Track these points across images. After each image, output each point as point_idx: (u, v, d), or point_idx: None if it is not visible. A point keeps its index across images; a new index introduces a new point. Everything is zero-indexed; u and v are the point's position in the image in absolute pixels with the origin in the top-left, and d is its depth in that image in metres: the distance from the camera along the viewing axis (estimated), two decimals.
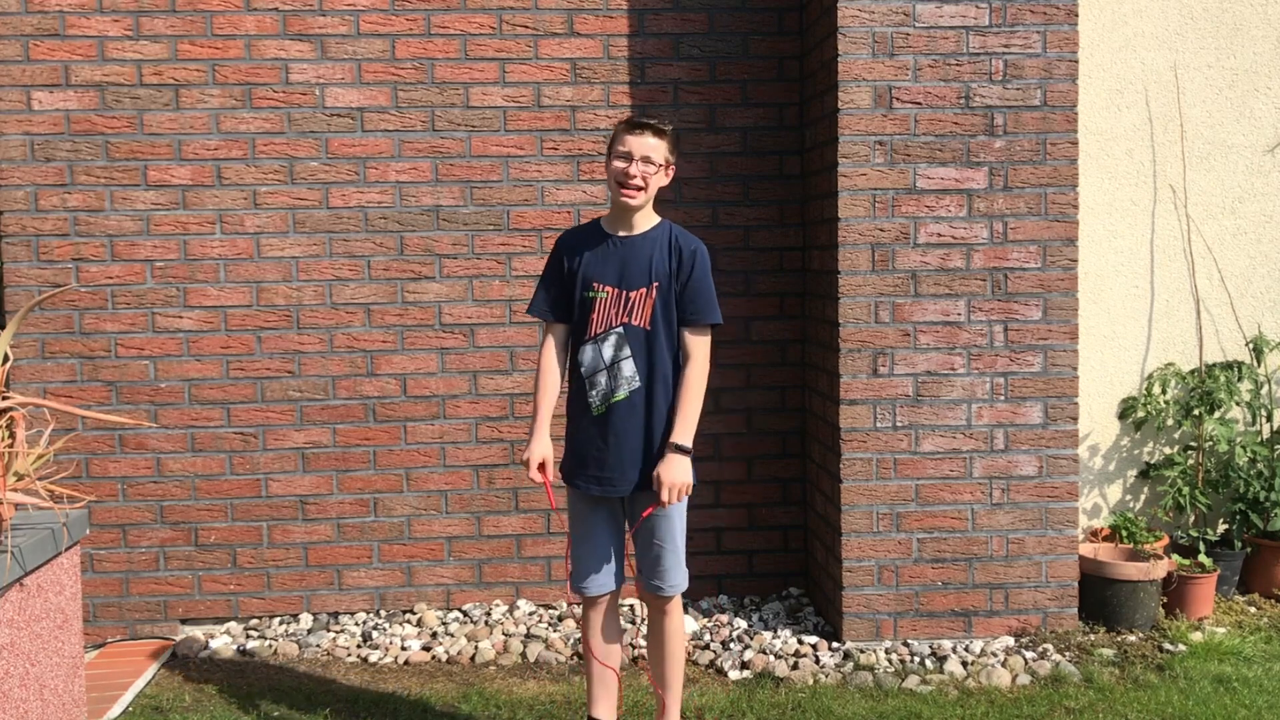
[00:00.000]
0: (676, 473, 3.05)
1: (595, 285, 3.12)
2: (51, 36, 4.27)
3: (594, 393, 3.12)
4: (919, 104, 4.07)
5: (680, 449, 3.07)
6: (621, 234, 3.15)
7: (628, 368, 3.11)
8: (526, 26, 4.43)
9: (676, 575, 3.20)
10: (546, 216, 4.48)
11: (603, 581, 3.20)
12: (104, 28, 4.29)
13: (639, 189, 3.08)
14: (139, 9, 4.30)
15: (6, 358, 2.96)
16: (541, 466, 3.14)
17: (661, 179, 3.14)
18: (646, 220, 3.16)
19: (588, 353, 3.13)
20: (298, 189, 4.40)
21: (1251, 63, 4.78)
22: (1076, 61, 4.11)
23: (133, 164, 4.33)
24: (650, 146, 3.08)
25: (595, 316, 3.12)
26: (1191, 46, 4.76)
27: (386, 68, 4.40)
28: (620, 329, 3.10)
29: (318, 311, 4.43)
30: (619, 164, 3.09)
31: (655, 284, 3.10)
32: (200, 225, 4.38)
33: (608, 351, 3.11)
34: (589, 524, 3.20)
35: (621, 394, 3.10)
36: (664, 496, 3.04)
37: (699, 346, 3.13)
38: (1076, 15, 4.10)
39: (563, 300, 3.18)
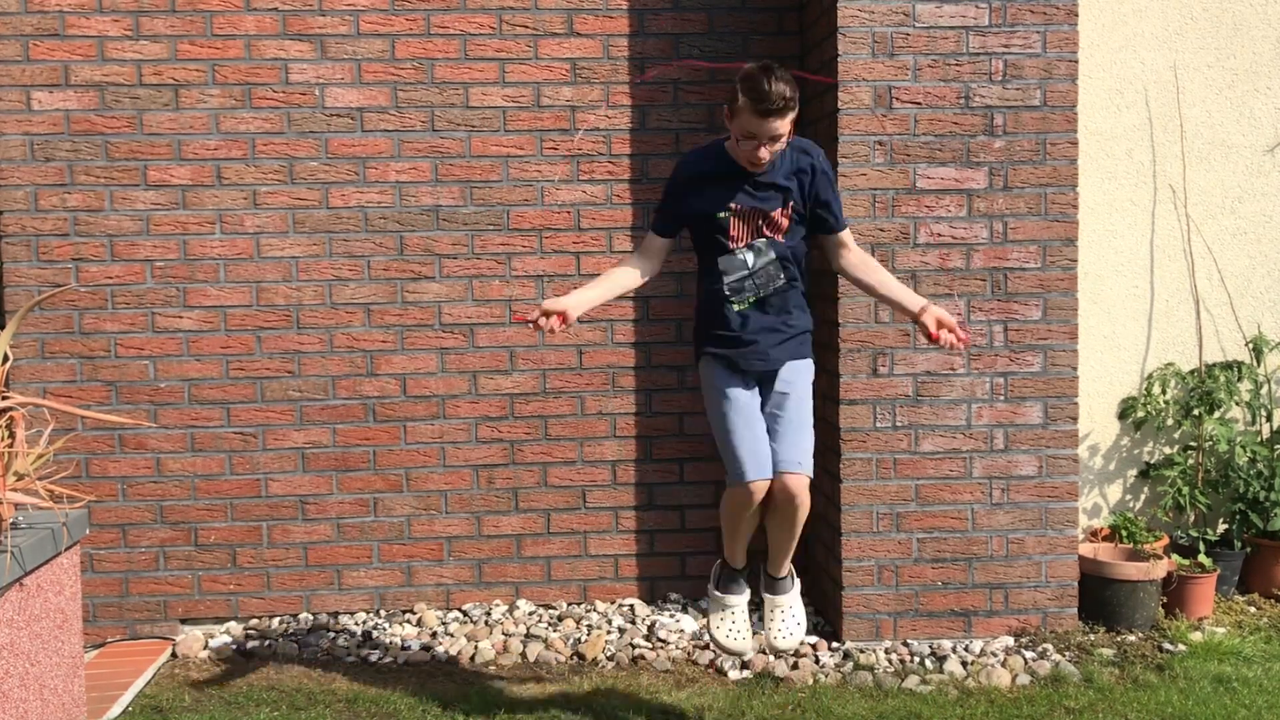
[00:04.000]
0: (947, 314, 3.14)
1: (733, 205, 3.14)
2: (51, 36, 4.27)
3: (738, 297, 3.19)
4: (919, 104, 4.07)
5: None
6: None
7: (774, 269, 3.18)
8: (526, 26, 4.43)
9: (811, 451, 3.22)
10: (546, 216, 4.48)
11: (765, 465, 3.17)
12: (104, 28, 4.29)
13: (768, 163, 3.09)
14: (139, 9, 4.30)
15: (6, 358, 2.96)
16: (562, 317, 3.06)
17: (790, 134, 3.11)
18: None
19: (730, 262, 3.18)
20: (297, 189, 4.40)
21: (1251, 63, 4.78)
22: (1076, 61, 4.11)
23: (133, 164, 4.33)
24: (780, 125, 3.01)
25: (734, 231, 3.16)
26: (1191, 46, 4.76)
27: (386, 68, 4.40)
28: (758, 243, 3.16)
29: (318, 311, 4.43)
30: (748, 147, 3.05)
31: (790, 203, 3.16)
32: (200, 225, 4.38)
33: (750, 259, 3.17)
34: (748, 408, 3.19)
35: (767, 291, 3.19)
36: (955, 329, 3.10)
37: (857, 247, 3.29)
38: (1076, 15, 4.10)
39: (679, 220, 3.23)
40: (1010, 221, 4.13)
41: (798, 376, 3.27)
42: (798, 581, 3.53)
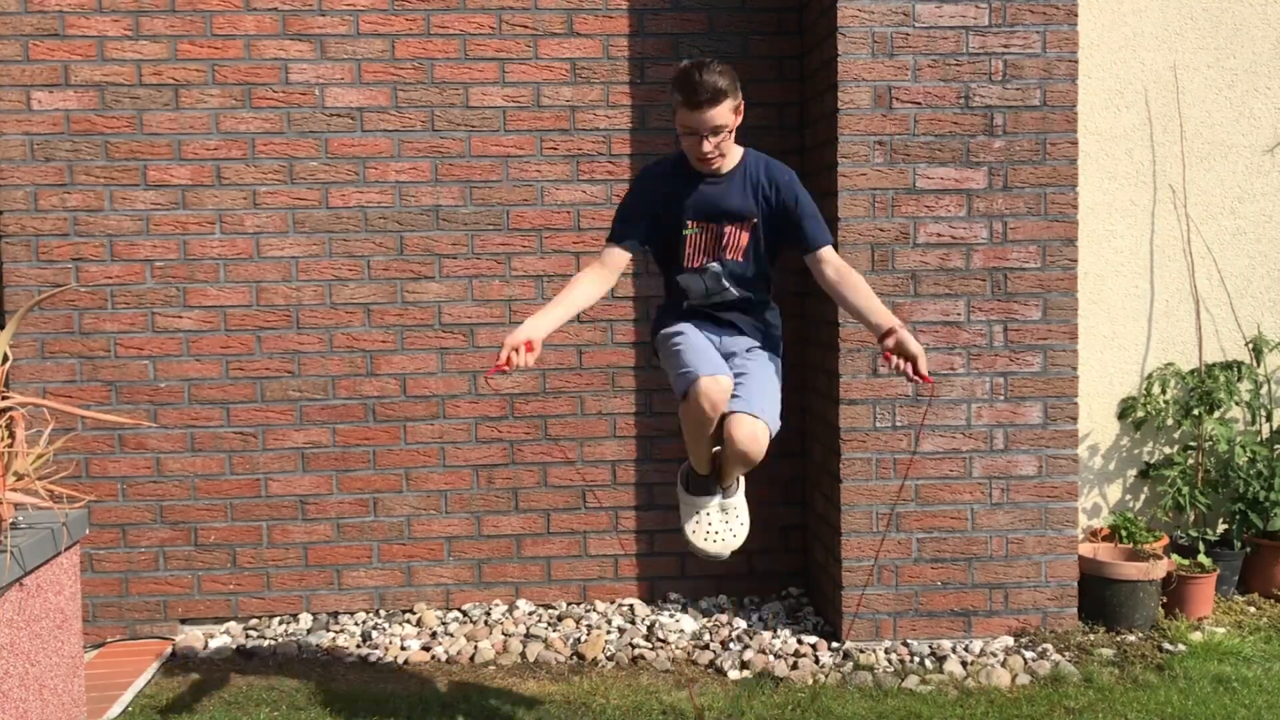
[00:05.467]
0: (916, 344, 3.00)
1: (689, 223, 3.13)
2: (51, 36, 4.27)
3: (699, 299, 3.19)
4: (919, 104, 4.07)
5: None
6: (708, 173, 3.12)
7: (732, 294, 3.18)
8: (526, 26, 4.43)
9: (773, 411, 3.11)
10: (546, 216, 4.48)
11: (725, 368, 3.07)
12: (103, 28, 4.29)
13: (719, 157, 3.06)
14: (139, 9, 4.30)
15: (6, 357, 2.96)
16: (528, 345, 2.94)
17: (735, 125, 3.06)
18: (731, 157, 3.13)
19: (690, 280, 3.18)
20: (297, 189, 4.40)
21: (1251, 63, 4.78)
22: (1076, 61, 4.11)
23: (132, 164, 4.33)
24: (715, 116, 2.97)
25: (689, 251, 3.14)
26: (1191, 46, 4.76)
27: (386, 68, 4.40)
28: (716, 264, 3.15)
29: (317, 311, 4.43)
30: (689, 142, 3.03)
31: (749, 220, 3.13)
32: (200, 225, 4.38)
33: (709, 282, 3.17)
34: (704, 342, 3.14)
35: (728, 298, 3.18)
36: (921, 367, 2.97)
37: (837, 261, 3.16)
38: (1076, 15, 4.10)
39: (638, 231, 3.17)
40: (1010, 221, 4.13)
41: (758, 358, 3.22)
42: (742, 482, 3.39)
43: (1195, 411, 4.67)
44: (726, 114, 3.00)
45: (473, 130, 4.45)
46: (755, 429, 3.06)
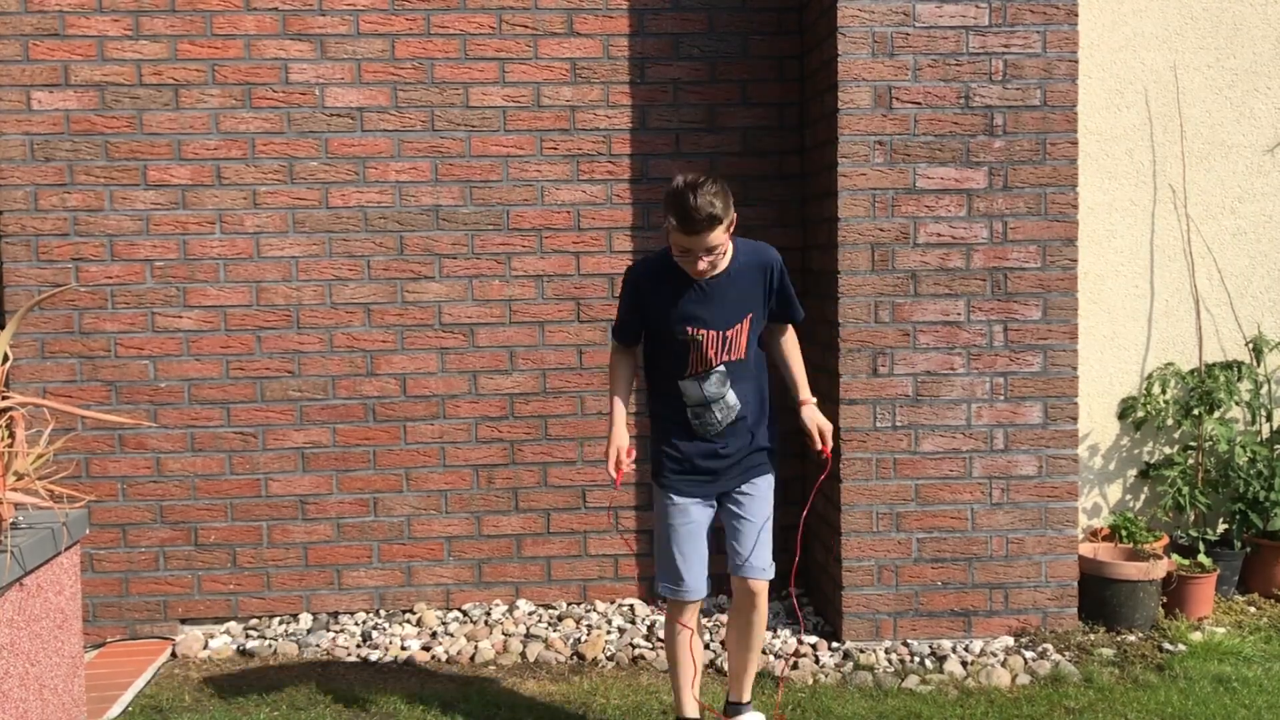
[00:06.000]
0: (823, 418, 3.30)
1: (689, 330, 3.12)
2: (51, 36, 4.27)
3: (700, 422, 3.19)
4: (919, 104, 4.07)
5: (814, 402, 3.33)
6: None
7: (732, 398, 3.19)
8: (526, 26, 4.43)
9: (768, 554, 3.27)
10: (546, 216, 4.48)
11: (703, 585, 3.25)
12: (104, 27, 4.29)
13: (712, 271, 3.10)
14: (139, 9, 4.29)
15: (6, 357, 2.96)
16: (629, 451, 3.19)
17: (728, 242, 3.09)
18: (725, 257, 3.13)
19: (690, 387, 3.18)
20: (297, 189, 4.40)
21: (1251, 63, 4.78)
22: (1076, 61, 4.11)
23: (132, 164, 4.33)
24: (710, 239, 2.99)
25: (694, 356, 3.15)
26: (1191, 46, 4.75)
27: (386, 67, 4.40)
28: (721, 368, 3.16)
29: (317, 311, 4.43)
30: (684, 260, 3.05)
31: (749, 315, 3.18)
32: (200, 225, 4.38)
33: (712, 388, 3.17)
34: (693, 527, 3.22)
35: (732, 417, 3.19)
36: (827, 441, 3.24)
37: (792, 331, 3.39)
38: (1076, 15, 4.10)
39: (641, 328, 3.24)
40: (1010, 221, 4.12)
41: (753, 487, 3.28)
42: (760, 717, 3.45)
43: (1195, 411, 4.67)
44: (721, 235, 3.01)
45: (473, 130, 4.45)
46: (762, 590, 3.25)
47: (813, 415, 3.28)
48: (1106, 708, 3.64)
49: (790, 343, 3.37)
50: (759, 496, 3.26)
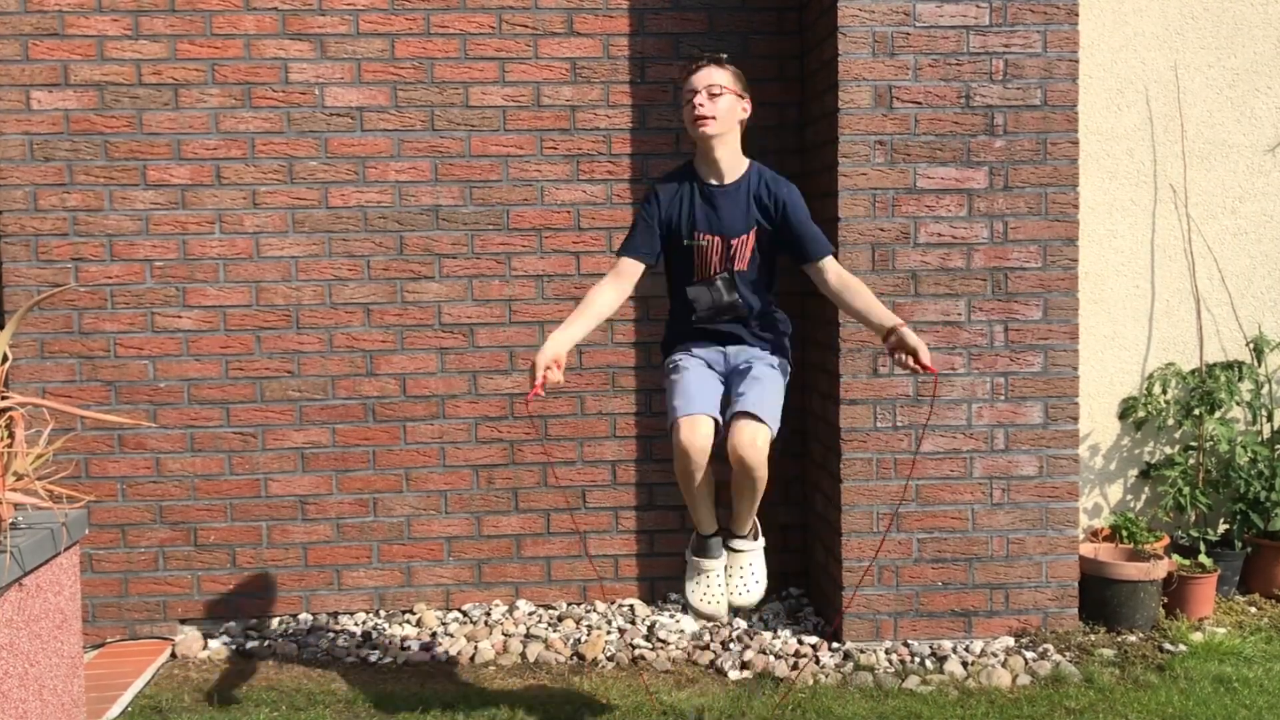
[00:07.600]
0: (916, 337, 3.04)
1: (696, 234, 3.23)
2: (50, 36, 4.27)
3: (710, 326, 3.28)
4: (919, 104, 4.07)
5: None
6: (713, 182, 3.24)
7: (736, 305, 3.26)
8: (526, 26, 4.43)
9: (773, 412, 3.16)
10: (546, 216, 4.48)
11: (711, 407, 3.14)
12: (103, 27, 4.29)
13: (710, 117, 3.13)
14: (138, 9, 4.29)
15: (6, 357, 2.96)
16: (557, 363, 3.01)
17: (737, 111, 3.20)
18: (735, 165, 3.24)
19: (700, 292, 3.25)
20: (297, 189, 4.39)
21: (1252, 62, 4.78)
22: (1077, 61, 4.11)
23: (132, 164, 4.33)
24: (713, 76, 3.13)
25: (698, 262, 3.24)
26: (1192, 46, 4.75)
27: (386, 67, 4.39)
28: (725, 274, 3.23)
29: (317, 311, 4.43)
30: (686, 109, 3.17)
31: (753, 230, 3.22)
32: (199, 225, 4.37)
33: (716, 295, 3.25)
34: (703, 372, 3.24)
35: (741, 316, 3.28)
36: (926, 359, 2.99)
37: (837, 268, 3.25)
38: (1077, 15, 4.09)
39: (650, 243, 3.26)
40: (1011, 221, 4.12)
41: (763, 364, 3.27)
42: (761, 539, 3.45)
43: (1196, 411, 4.67)
44: (725, 79, 3.15)
45: (473, 130, 4.44)
46: (755, 434, 3.10)
47: (904, 337, 3.02)
48: (1107, 708, 3.64)
49: (846, 279, 3.22)
50: (759, 365, 3.25)
